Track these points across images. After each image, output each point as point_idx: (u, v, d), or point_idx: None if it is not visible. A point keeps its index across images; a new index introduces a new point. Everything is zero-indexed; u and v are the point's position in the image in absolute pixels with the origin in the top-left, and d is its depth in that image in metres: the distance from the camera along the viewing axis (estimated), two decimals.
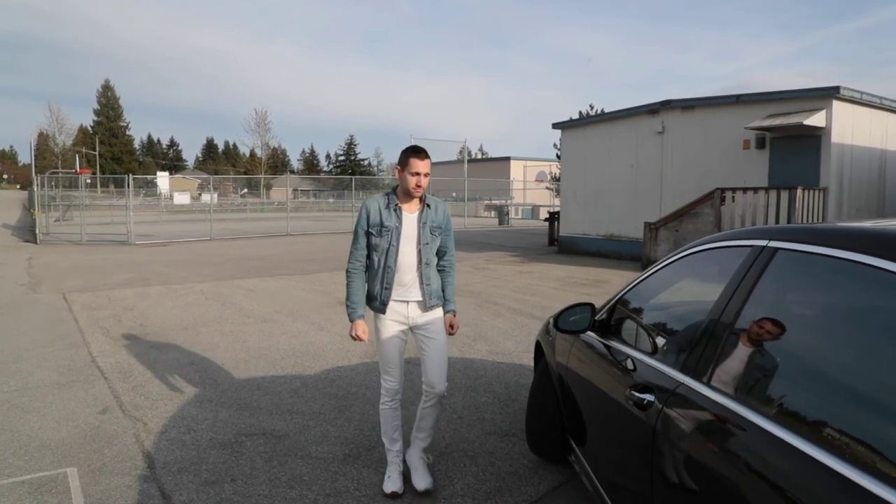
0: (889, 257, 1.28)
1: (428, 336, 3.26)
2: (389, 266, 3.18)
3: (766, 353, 1.66)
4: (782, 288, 1.66)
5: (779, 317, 1.67)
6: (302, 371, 5.35)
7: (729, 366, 1.72)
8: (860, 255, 1.36)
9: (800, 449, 1.29)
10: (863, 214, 12.49)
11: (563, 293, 9.63)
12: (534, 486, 3.33)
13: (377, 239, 3.18)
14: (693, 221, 12.36)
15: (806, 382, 1.48)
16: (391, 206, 3.20)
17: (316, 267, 12.81)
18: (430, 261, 3.24)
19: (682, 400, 1.78)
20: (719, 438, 1.60)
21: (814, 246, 1.53)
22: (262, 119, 68.45)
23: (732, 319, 1.73)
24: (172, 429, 4.03)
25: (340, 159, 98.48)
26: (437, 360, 3.24)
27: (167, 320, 7.38)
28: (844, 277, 1.45)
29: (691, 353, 1.86)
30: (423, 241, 3.20)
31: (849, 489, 1.17)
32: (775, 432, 1.37)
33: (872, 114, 12.41)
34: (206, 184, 47.62)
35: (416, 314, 3.26)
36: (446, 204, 3.41)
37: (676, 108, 13.98)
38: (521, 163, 44.73)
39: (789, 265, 1.62)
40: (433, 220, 3.25)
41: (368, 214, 3.20)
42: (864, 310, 1.45)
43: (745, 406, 1.52)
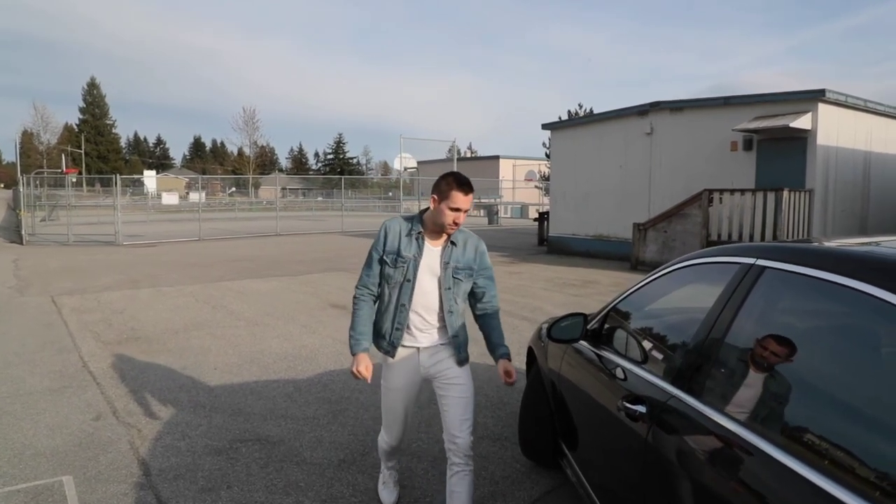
0: (872, 281, 1.34)
1: (450, 382, 2.77)
2: (403, 304, 2.72)
3: (755, 370, 1.72)
4: (770, 306, 1.72)
5: (766, 334, 1.72)
6: (295, 375, 5.38)
7: (719, 380, 1.78)
8: (845, 277, 1.42)
9: (785, 464, 1.35)
10: (847, 216, 12.67)
11: (554, 294, 9.70)
12: (527, 491, 3.38)
13: (391, 269, 2.73)
14: (681, 222, 12.48)
15: (792, 398, 1.54)
16: (413, 233, 2.73)
17: (306, 268, 12.81)
18: (453, 308, 2.75)
19: (674, 412, 1.84)
20: (709, 451, 1.65)
21: (800, 266, 1.59)
22: (250, 117, 68.27)
23: (723, 335, 1.78)
24: (167, 435, 4.05)
25: (329, 158, 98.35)
26: (462, 406, 2.74)
27: (158, 324, 7.38)
28: (829, 298, 1.51)
29: (682, 367, 1.92)
30: (444, 284, 2.73)
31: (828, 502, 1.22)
32: (763, 447, 1.43)
33: (857, 116, 12.58)
34: (195, 183, 47.38)
35: (431, 362, 2.79)
36: (479, 239, 2.86)
37: (665, 109, 14.10)
38: (510, 161, 44.84)
39: (776, 284, 1.68)
40: (458, 260, 2.76)
41: (386, 237, 2.76)
42: (846, 330, 1.51)
43: (734, 420, 1.58)
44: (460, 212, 2.63)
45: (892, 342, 1.37)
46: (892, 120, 13.49)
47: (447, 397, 2.75)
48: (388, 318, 2.77)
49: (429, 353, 2.79)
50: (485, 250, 2.85)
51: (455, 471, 2.71)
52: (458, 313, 2.79)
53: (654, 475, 1.87)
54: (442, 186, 2.64)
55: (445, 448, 2.77)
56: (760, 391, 1.66)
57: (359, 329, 2.81)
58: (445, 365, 2.77)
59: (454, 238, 2.75)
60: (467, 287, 2.82)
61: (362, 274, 2.83)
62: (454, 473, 2.72)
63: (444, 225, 2.66)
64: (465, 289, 2.80)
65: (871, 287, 1.33)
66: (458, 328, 2.78)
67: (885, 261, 1.43)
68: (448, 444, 2.74)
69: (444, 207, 2.62)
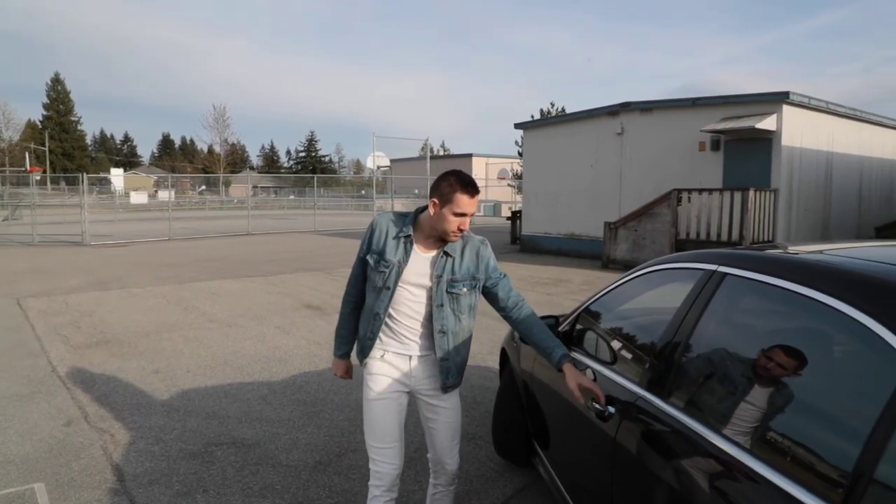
0: (822, 289, 1.43)
1: (438, 406, 2.52)
2: (377, 314, 2.41)
3: (717, 372, 1.80)
4: (730, 310, 1.81)
5: (727, 338, 1.81)
6: (269, 377, 5.38)
7: (684, 382, 1.86)
8: (797, 285, 1.51)
9: (745, 463, 1.43)
10: (810, 215, 13.01)
11: (527, 293, 9.78)
12: (500, 489, 3.45)
13: (373, 272, 2.41)
14: (651, 221, 12.69)
15: (751, 400, 1.62)
16: (402, 235, 2.38)
17: (279, 268, 12.74)
18: (445, 328, 2.39)
19: (641, 413, 1.91)
20: (674, 451, 1.73)
21: (757, 273, 1.68)
22: (220, 115, 67.18)
23: (687, 338, 1.86)
24: (141, 440, 4.03)
25: (301, 156, 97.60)
26: (451, 432, 2.55)
27: (128, 326, 7.29)
28: (783, 304, 1.60)
29: (649, 369, 2.00)
30: (436, 300, 2.37)
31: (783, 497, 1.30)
32: (724, 447, 1.51)
33: (820, 118, 12.93)
34: (164, 181, 46.64)
35: (422, 375, 2.47)
36: (481, 241, 2.48)
37: (635, 109, 14.31)
38: (483, 159, 44.97)
39: (736, 290, 1.76)
40: (453, 272, 2.37)
41: (372, 234, 2.43)
42: (799, 334, 1.60)
43: (698, 420, 1.66)
44: (466, 217, 2.28)
45: (841, 345, 1.46)
46: (853, 121, 13.89)
47: (435, 421, 2.53)
48: (364, 325, 2.51)
49: (420, 365, 2.47)
50: (489, 253, 2.47)
51: (439, 489, 2.65)
52: (454, 333, 2.42)
53: (622, 474, 1.95)
54: (443, 188, 2.28)
55: (430, 467, 2.67)
56: (723, 392, 1.74)
57: (340, 332, 2.65)
58: (434, 385, 2.48)
59: (448, 248, 2.37)
60: (472, 301, 2.46)
61: (351, 272, 2.59)
62: (438, 492, 2.65)
63: (446, 232, 2.30)
64: (468, 304, 2.44)
65: (820, 294, 1.42)
66: (449, 351, 2.41)
67: (832, 270, 1.52)
68: (434, 466, 2.63)
69: (447, 213, 2.27)
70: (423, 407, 2.56)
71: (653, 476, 1.78)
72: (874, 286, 1.36)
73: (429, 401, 2.51)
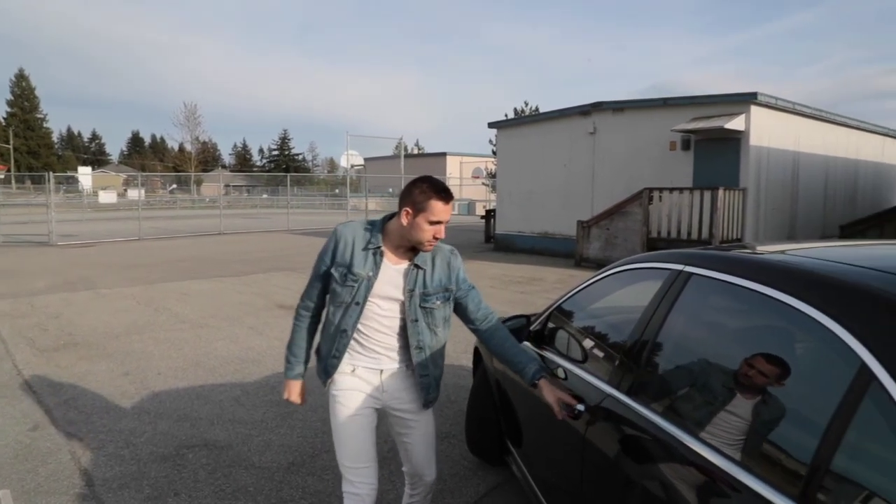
0: (783, 289, 1.47)
1: (413, 421, 2.42)
2: (345, 330, 2.28)
3: (684, 370, 1.84)
4: (696, 310, 1.85)
5: (693, 336, 1.85)
6: (242, 378, 5.33)
7: (651, 380, 1.90)
8: (759, 285, 1.55)
9: (709, 458, 1.47)
10: (778, 214, 13.29)
11: (500, 292, 9.85)
12: (474, 488, 3.47)
13: (338, 286, 2.27)
14: (623, 220, 12.84)
15: (718, 397, 1.67)
16: (371, 247, 2.25)
17: (251, 268, 12.62)
18: (422, 343, 2.30)
19: (610, 411, 1.95)
20: (643, 447, 1.77)
21: (721, 273, 1.72)
22: (191, 113, 65.92)
23: (654, 337, 1.90)
24: (110, 443, 3.97)
25: (274, 154, 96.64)
26: (426, 443, 2.47)
27: (97, 328, 7.17)
28: (746, 303, 1.65)
29: (617, 367, 2.04)
30: (410, 315, 2.27)
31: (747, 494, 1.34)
32: (692, 444, 1.54)
33: (787, 118, 13.20)
34: (133, 180, 45.86)
35: (393, 389, 2.36)
36: (450, 250, 2.37)
37: (607, 109, 14.46)
38: (457, 158, 45.02)
39: (702, 290, 1.81)
40: (425, 285, 2.27)
41: (336, 246, 2.27)
42: (762, 332, 1.64)
43: (665, 418, 1.69)
44: (441, 225, 2.18)
45: (801, 343, 1.50)
46: (818, 122, 14.21)
47: (410, 435, 2.43)
48: (327, 343, 2.35)
49: (392, 379, 2.36)
50: (460, 264, 2.38)
51: (416, 499, 2.60)
52: (430, 347, 2.33)
53: (592, 471, 1.98)
54: (416, 196, 2.16)
55: (406, 480, 2.60)
56: (689, 391, 1.78)
57: (294, 350, 2.48)
58: (408, 397, 2.38)
59: (419, 261, 2.27)
60: (447, 313, 2.37)
61: (308, 284, 2.42)
62: (415, 501, 2.61)
63: (421, 242, 2.19)
64: (443, 316, 2.36)
65: (780, 294, 1.46)
66: (428, 365, 2.33)
67: (792, 270, 1.57)
68: (412, 479, 2.56)
69: (422, 221, 2.15)
70: (395, 423, 2.44)
71: (622, 473, 1.81)
72: (831, 286, 1.41)
73: (402, 416, 2.40)
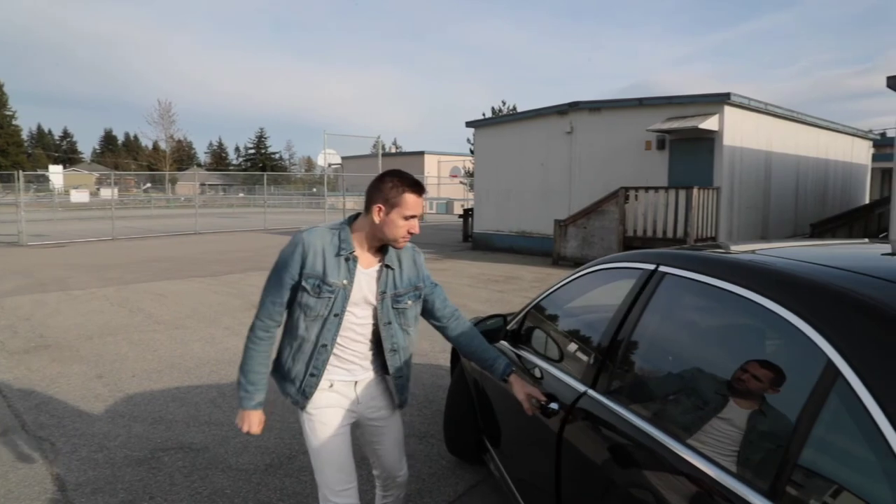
0: (753, 288, 1.51)
1: (385, 425, 2.38)
2: (325, 345, 2.16)
3: (658, 369, 1.87)
4: (669, 309, 1.88)
5: (667, 335, 1.88)
6: (219, 380, 5.28)
7: (626, 379, 1.93)
8: (732, 284, 1.58)
9: (682, 456, 1.50)
10: (751, 213, 13.51)
11: (478, 291, 9.89)
12: (452, 487, 3.49)
13: (312, 299, 2.12)
14: (600, 219, 12.95)
15: (690, 396, 1.70)
16: (344, 253, 2.13)
17: (228, 267, 12.50)
18: (397, 345, 2.25)
19: (584, 409, 1.97)
20: (617, 445, 1.79)
21: (693, 273, 1.75)
22: (165, 110, 65.02)
23: (628, 336, 1.93)
24: (83, 447, 3.91)
25: (250, 153, 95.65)
26: (398, 445, 2.44)
27: (69, 330, 7.05)
28: (718, 302, 1.68)
29: (592, 366, 2.06)
30: (383, 318, 2.21)
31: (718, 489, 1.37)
32: (666, 442, 1.57)
33: (759, 118, 13.42)
34: (106, 178, 45.12)
35: (366, 398, 2.30)
36: (412, 246, 2.31)
37: (584, 109, 14.57)
38: (435, 157, 45.03)
39: (675, 289, 1.84)
40: (396, 285, 2.22)
41: (305, 256, 2.11)
42: (734, 331, 1.68)
43: (640, 416, 1.72)
44: (415, 219, 2.12)
45: (771, 340, 1.54)
46: (790, 122, 14.47)
47: (381, 441, 2.39)
48: (302, 361, 2.20)
49: (366, 389, 2.30)
50: (423, 260, 2.35)
51: (390, 500, 2.56)
52: (404, 348, 2.29)
53: (567, 469, 2.01)
54: (387, 192, 2.08)
55: (378, 483, 2.55)
56: (663, 388, 1.81)
57: (251, 378, 2.24)
58: (381, 404, 2.35)
59: (389, 261, 2.20)
60: (417, 312, 2.33)
61: (265, 301, 2.19)
62: (388, 499, 2.57)
63: (395, 239, 2.13)
64: (414, 316, 2.31)
65: (750, 293, 1.50)
66: (402, 366, 2.30)
67: (761, 270, 1.61)
68: (385, 481, 2.51)
69: (396, 217, 2.08)
70: (367, 432, 2.38)
71: (597, 472, 1.83)
72: (799, 286, 1.44)
73: (374, 423, 2.35)
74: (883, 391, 1.10)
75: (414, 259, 2.29)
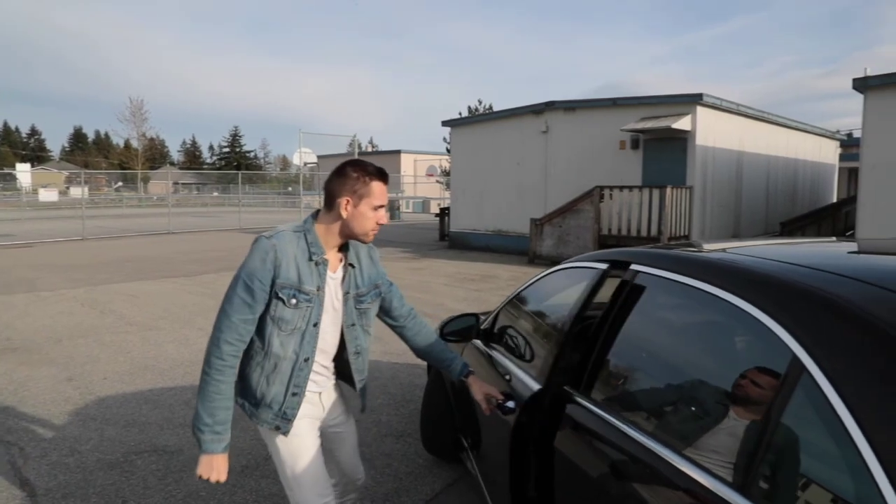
0: (721, 286, 1.54)
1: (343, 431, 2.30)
2: (307, 359, 2.02)
3: (630, 367, 1.90)
4: (641, 306, 1.91)
5: (638, 332, 1.91)
6: (193, 381, 5.22)
7: (596, 376, 1.95)
8: (702, 283, 1.62)
9: (655, 451, 1.52)
10: (723, 211, 13.73)
11: (455, 290, 9.90)
12: (429, 485, 3.50)
13: (288, 310, 1.95)
14: (575, 218, 13.06)
15: (661, 392, 1.73)
16: (317, 256, 1.99)
17: (202, 267, 12.35)
18: (360, 347, 2.18)
19: (537, 407, 2.01)
20: (587, 443, 1.82)
21: (664, 271, 1.78)
22: (137, 108, 63.88)
23: (601, 334, 1.96)
24: (53, 452, 3.84)
25: (225, 151, 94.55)
26: (355, 449, 2.36)
27: (38, 332, 6.91)
28: (688, 300, 1.71)
29: (564, 364, 2.10)
30: (347, 320, 2.11)
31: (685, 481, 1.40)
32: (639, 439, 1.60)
33: (731, 119, 13.64)
34: (76, 177, 44.27)
35: (329, 406, 2.21)
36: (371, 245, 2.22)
37: (559, 108, 14.68)
38: (411, 156, 44.97)
39: (647, 287, 1.87)
40: (358, 284, 2.13)
41: (278, 265, 1.93)
42: (704, 328, 1.71)
43: (610, 412, 1.74)
44: (383, 208, 2.03)
45: (739, 337, 1.57)
46: (760, 122, 14.73)
47: (342, 447, 2.30)
48: (280, 381, 2.00)
49: (328, 397, 2.21)
50: (378, 256, 2.28)
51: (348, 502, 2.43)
52: (365, 349, 2.21)
53: (520, 461, 2.05)
54: (353, 183, 1.96)
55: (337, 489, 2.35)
56: (633, 385, 1.84)
57: (220, 414, 1.92)
58: (340, 409, 2.27)
59: (352, 259, 2.11)
60: (376, 310, 2.26)
61: (231, 318, 1.94)
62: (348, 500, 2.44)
63: (365, 232, 2.03)
64: (374, 314, 2.25)
65: (720, 291, 1.53)
66: (364, 369, 2.23)
67: (731, 268, 1.64)
68: (344, 486, 2.38)
69: (366, 209, 1.98)
70: (327, 439, 2.25)
71: (565, 468, 1.86)
72: (767, 283, 1.48)
73: (335, 430, 2.25)
74: (845, 385, 1.14)
75: (371, 256, 2.21)
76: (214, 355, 1.92)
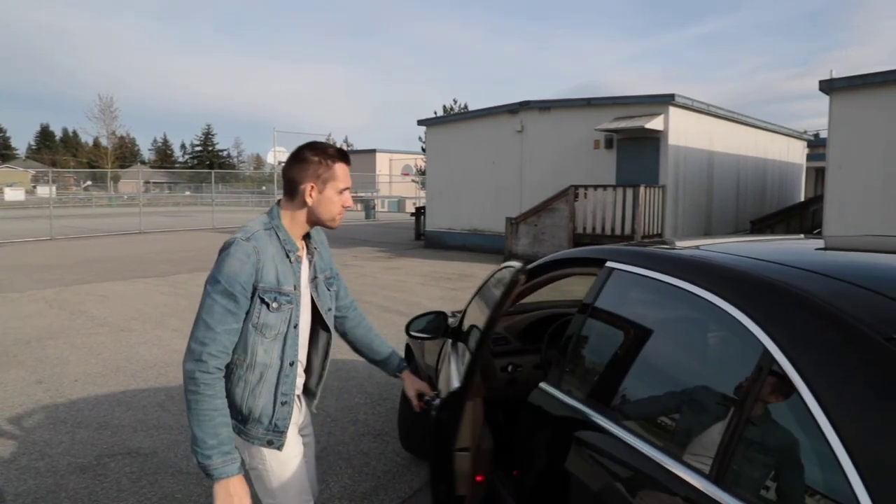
0: (696, 283, 1.57)
1: (308, 433, 2.16)
2: (292, 363, 1.92)
3: (606, 360, 1.93)
4: (617, 303, 1.94)
5: (613, 328, 1.94)
6: (167, 383, 5.16)
7: (572, 371, 1.98)
8: (676, 279, 1.65)
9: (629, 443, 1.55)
10: (695, 210, 13.95)
11: (430, 289, 9.91)
12: (407, 483, 3.51)
13: (270, 315, 1.83)
14: (550, 216, 13.15)
15: (636, 385, 1.76)
16: (292, 253, 1.90)
17: (175, 268, 12.19)
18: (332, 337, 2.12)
19: (531, 404, 2.03)
20: (566, 438, 1.84)
21: (641, 268, 1.82)
22: (107, 106, 62.70)
23: (577, 330, 1.98)
24: (23, 456, 3.77)
25: (197, 150, 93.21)
26: (313, 459, 2.21)
27: (6, 334, 6.75)
28: (663, 296, 1.75)
29: (541, 360, 2.12)
30: (323, 305, 2.04)
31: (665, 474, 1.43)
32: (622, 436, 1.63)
33: (702, 119, 13.86)
34: (43, 176, 43.31)
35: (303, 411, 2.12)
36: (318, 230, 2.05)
37: (534, 108, 14.77)
38: (387, 155, 44.89)
39: (622, 284, 1.90)
40: (324, 268, 2.06)
41: (260, 268, 1.80)
42: (678, 324, 1.75)
43: (589, 406, 1.77)
44: (348, 191, 1.93)
45: (712, 332, 1.61)
46: (730, 123, 14.98)
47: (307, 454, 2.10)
48: (267, 392, 1.86)
49: (301, 401, 2.09)
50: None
51: None
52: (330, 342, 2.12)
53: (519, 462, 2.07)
54: (315, 168, 1.86)
55: None
56: (610, 380, 1.86)
57: (223, 432, 1.74)
58: (307, 412, 2.15)
59: (314, 243, 2.02)
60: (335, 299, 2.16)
61: (215, 329, 1.75)
62: None
63: (333, 218, 1.92)
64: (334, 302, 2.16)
65: (694, 287, 1.57)
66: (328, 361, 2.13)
67: (704, 265, 1.68)
68: None
69: (331, 193, 1.88)
70: None
71: (540, 463, 1.88)
72: (738, 279, 1.51)
73: (303, 435, 2.09)
74: (813, 377, 1.17)
75: (324, 242, 2.10)
76: (200, 370, 1.72)
